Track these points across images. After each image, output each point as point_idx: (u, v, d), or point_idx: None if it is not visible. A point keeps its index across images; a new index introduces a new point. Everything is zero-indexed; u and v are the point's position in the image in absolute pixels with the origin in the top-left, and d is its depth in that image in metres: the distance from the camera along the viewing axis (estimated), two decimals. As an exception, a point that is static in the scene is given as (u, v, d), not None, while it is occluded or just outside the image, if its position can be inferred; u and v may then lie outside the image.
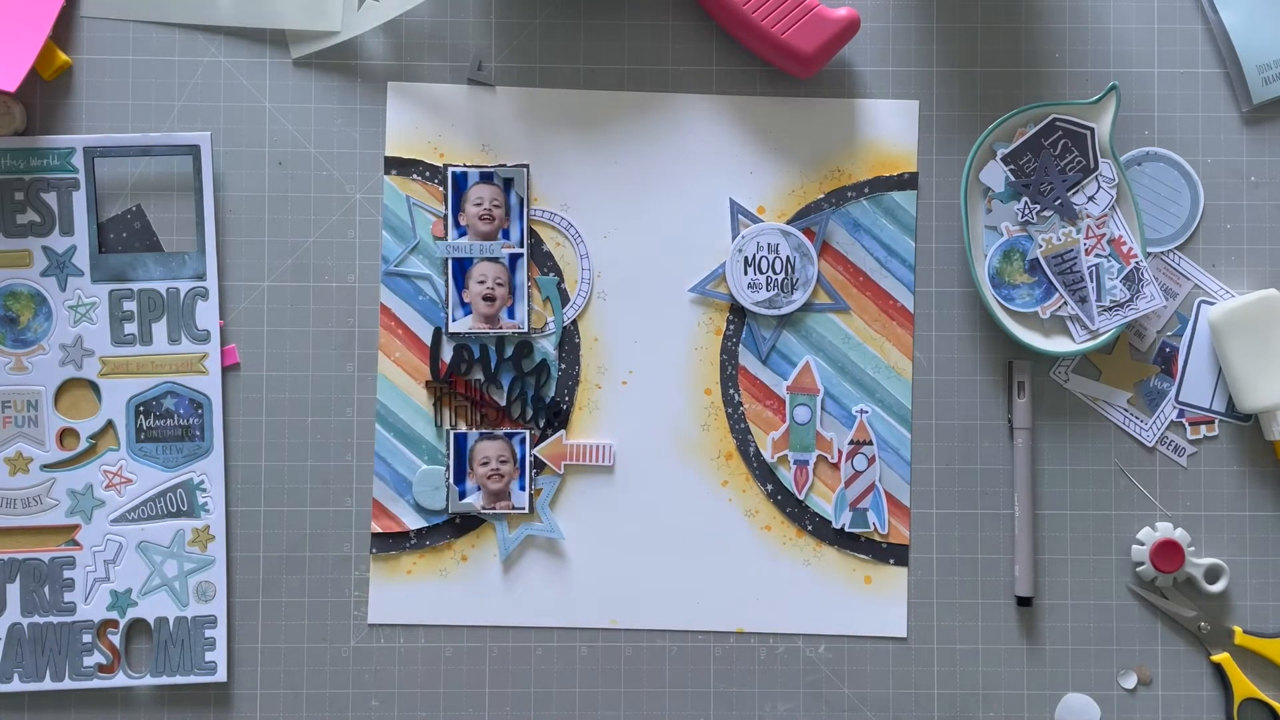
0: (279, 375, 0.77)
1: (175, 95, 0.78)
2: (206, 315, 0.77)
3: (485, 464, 0.77)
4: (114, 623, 0.76)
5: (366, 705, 0.77)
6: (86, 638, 0.76)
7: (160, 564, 0.76)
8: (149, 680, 0.76)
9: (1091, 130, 0.76)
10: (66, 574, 0.76)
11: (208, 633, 0.76)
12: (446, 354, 0.78)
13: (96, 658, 0.76)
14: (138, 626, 0.77)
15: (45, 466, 0.76)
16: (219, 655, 0.76)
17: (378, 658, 0.77)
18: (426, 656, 0.77)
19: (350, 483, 0.77)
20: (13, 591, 0.76)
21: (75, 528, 0.76)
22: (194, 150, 0.77)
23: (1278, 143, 0.79)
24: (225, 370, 0.77)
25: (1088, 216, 0.76)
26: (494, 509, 0.77)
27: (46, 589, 0.76)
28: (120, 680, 0.76)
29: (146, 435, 0.76)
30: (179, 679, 0.76)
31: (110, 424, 0.77)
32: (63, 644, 0.76)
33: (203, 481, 0.77)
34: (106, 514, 0.76)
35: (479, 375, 0.78)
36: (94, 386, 0.77)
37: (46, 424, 0.76)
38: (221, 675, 0.76)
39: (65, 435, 0.77)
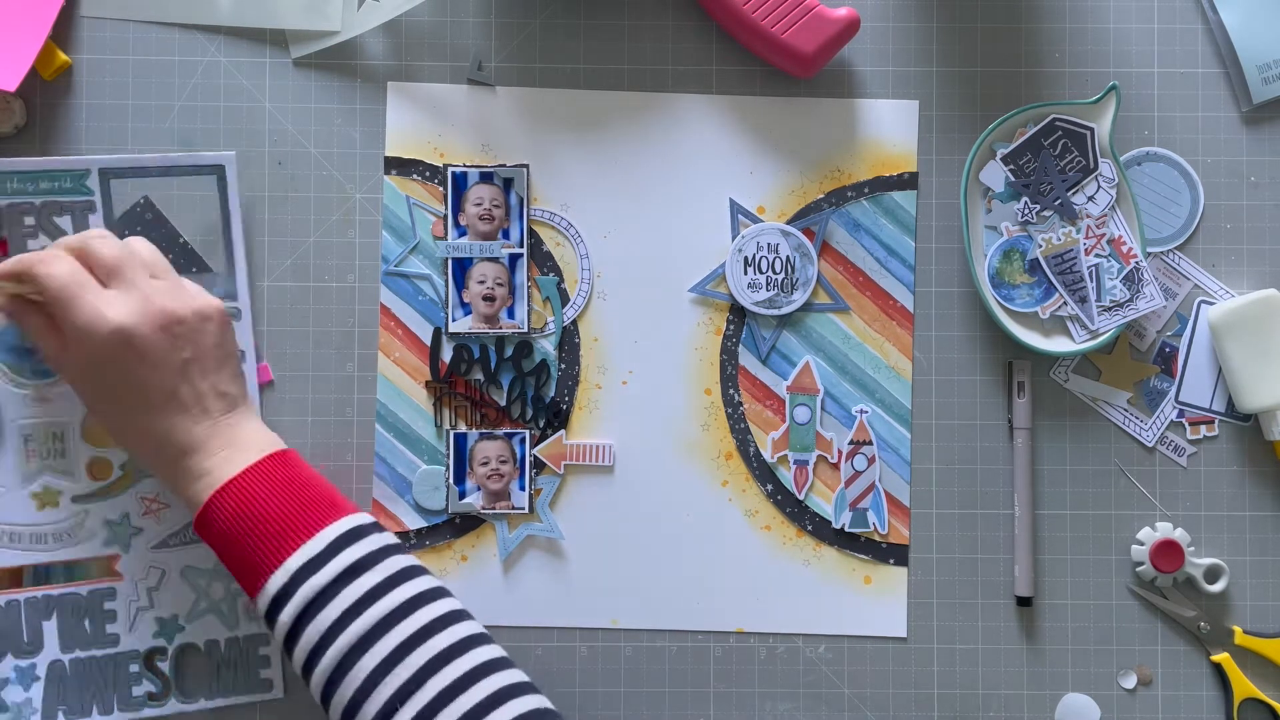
0: (279, 375, 0.77)
1: (175, 95, 0.78)
2: (240, 335, 0.75)
3: (485, 464, 0.77)
4: (162, 650, 0.74)
5: (366, 705, 0.77)
6: (134, 667, 0.74)
7: (206, 587, 0.75)
8: (204, 704, 0.74)
9: (1091, 130, 0.76)
10: (108, 605, 0.74)
11: (261, 650, 0.75)
12: (446, 354, 0.78)
13: (146, 686, 0.74)
14: (188, 650, 0.75)
15: (76, 499, 0.75)
16: (274, 672, 0.75)
17: (378, 658, 0.77)
18: (426, 656, 0.77)
19: (350, 483, 0.77)
20: (50, 629, 0.74)
21: (114, 558, 0.75)
22: (218, 170, 0.75)
23: (1278, 143, 0.79)
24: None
25: (1088, 216, 0.76)
26: (494, 509, 0.77)
27: (87, 622, 0.74)
28: (172, 707, 0.74)
29: None
30: (235, 699, 0.75)
31: None
32: (108, 676, 0.74)
33: None
34: (146, 541, 0.75)
35: (479, 375, 0.78)
36: None
37: (74, 455, 0.75)
38: (278, 692, 0.75)
39: (96, 465, 0.75)
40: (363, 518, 0.67)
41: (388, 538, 0.67)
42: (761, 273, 0.78)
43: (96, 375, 0.67)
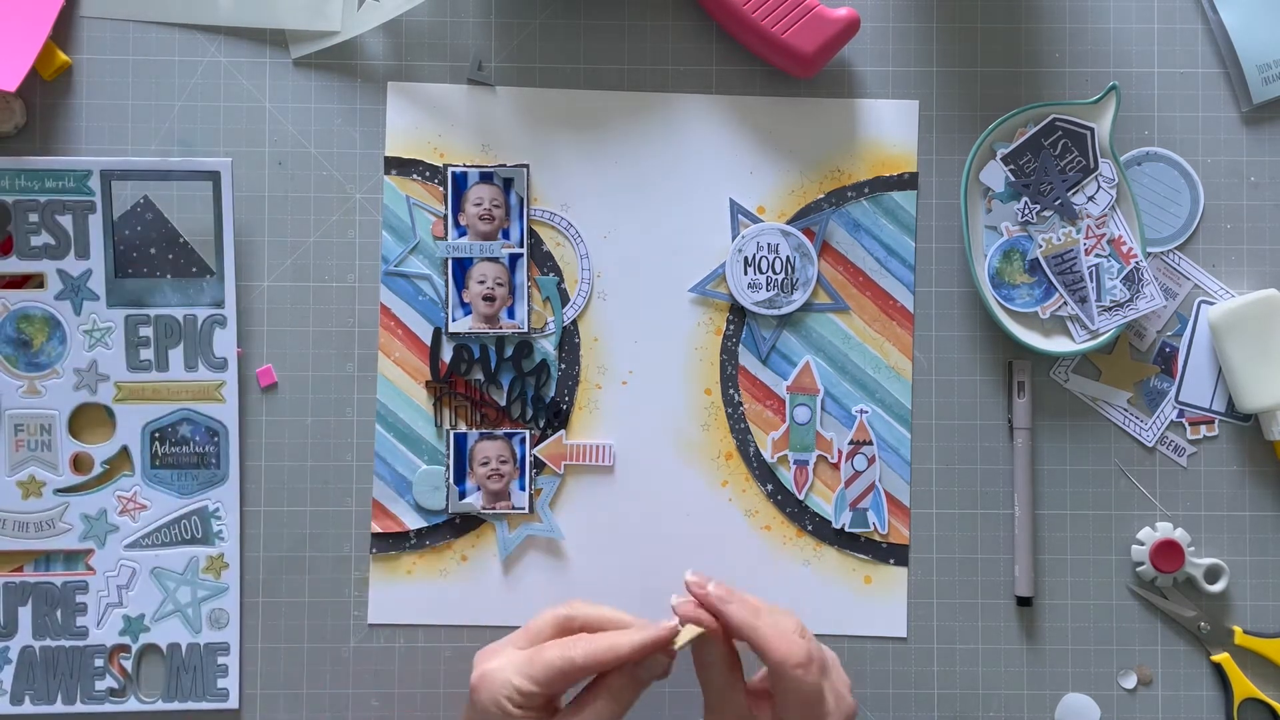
0: (279, 375, 0.77)
1: (175, 95, 0.78)
2: (224, 343, 0.76)
3: (485, 464, 0.77)
4: (126, 647, 0.76)
5: (366, 705, 0.77)
6: (98, 662, 0.75)
7: (174, 590, 0.76)
8: (160, 706, 0.76)
9: (1091, 130, 0.76)
10: (79, 598, 0.75)
11: (220, 659, 0.76)
12: (446, 354, 0.78)
13: (108, 682, 0.75)
14: (150, 651, 0.76)
15: (59, 491, 0.75)
16: (231, 682, 0.76)
17: (378, 658, 0.77)
18: (426, 656, 0.77)
19: (350, 483, 0.77)
20: (24, 615, 0.75)
21: (89, 552, 0.76)
22: (214, 176, 0.75)
23: (1278, 143, 0.79)
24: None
25: (1088, 216, 0.76)
26: (494, 509, 0.77)
27: (59, 612, 0.75)
28: (131, 705, 0.76)
29: (161, 462, 0.76)
30: (191, 705, 0.76)
31: (125, 449, 0.76)
32: (74, 667, 0.75)
33: (218, 509, 0.76)
34: (120, 539, 0.76)
35: (479, 375, 0.78)
36: (109, 411, 0.76)
37: (60, 448, 0.76)
38: (234, 702, 0.76)
39: (79, 459, 0.76)
40: None
41: None
42: (761, 273, 0.78)
43: None
